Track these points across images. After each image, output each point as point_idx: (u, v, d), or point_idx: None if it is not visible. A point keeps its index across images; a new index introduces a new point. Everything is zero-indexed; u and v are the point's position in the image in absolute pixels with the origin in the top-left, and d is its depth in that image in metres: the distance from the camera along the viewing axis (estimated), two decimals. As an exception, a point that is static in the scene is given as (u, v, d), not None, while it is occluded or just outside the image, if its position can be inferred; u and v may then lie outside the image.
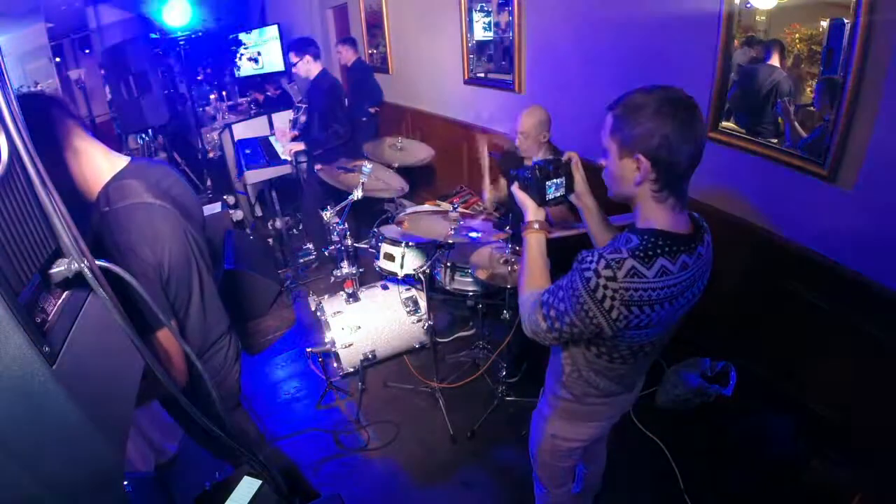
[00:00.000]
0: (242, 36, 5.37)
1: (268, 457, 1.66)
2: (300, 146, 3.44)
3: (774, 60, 1.88)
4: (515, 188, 1.25)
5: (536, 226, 1.21)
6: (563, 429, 1.37)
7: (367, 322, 2.44)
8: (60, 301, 0.64)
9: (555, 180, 1.20)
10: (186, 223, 1.22)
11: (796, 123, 1.87)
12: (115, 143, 4.68)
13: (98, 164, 1.16)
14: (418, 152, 3.00)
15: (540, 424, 1.44)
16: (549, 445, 1.41)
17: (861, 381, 1.86)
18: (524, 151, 2.27)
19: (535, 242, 1.21)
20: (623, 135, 0.99)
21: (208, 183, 4.47)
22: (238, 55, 5.22)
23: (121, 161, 1.20)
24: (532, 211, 1.22)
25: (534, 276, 1.18)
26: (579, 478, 1.79)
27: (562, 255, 1.28)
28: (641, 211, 1.04)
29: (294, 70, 3.39)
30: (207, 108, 4.97)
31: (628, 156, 0.99)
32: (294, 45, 3.33)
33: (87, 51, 5.30)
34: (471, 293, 2.39)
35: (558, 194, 1.22)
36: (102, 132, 4.92)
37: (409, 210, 2.52)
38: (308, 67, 3.31)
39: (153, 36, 4.47)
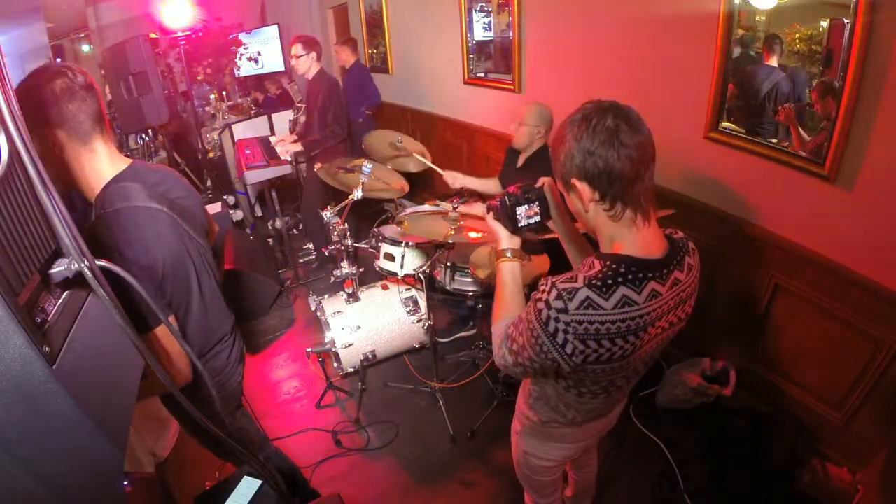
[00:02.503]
0: (242, 36, 5.37)
1: (268, 457, 1.66)
2: (298, 147, 3.44)
3: (773, 61, 1.88)
4: (489, 218, 1.22)
5: (509, 254, 1.17)
6: (532, 446, 1.35)
7: (367, 322, 2.44)
8: (60, 301, 0.64)
9: (525, 206, 1.14)
10: (185, 226, 1.22)
11: (800, 128, 1.86)
12: (115, 143, 4.67)
13: (102, 165, 1.16)
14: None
15: (514, 439, 1.43)
16: (524, 460, 1.40)
17: (861, 381, 1.86)
18: (517, 141, 2.35)
19: (507, 271, 1.16)
20: (558, 172, 0.97)
21: (208, 183, 4.46)
22: (238, 55, 5.22)
23: (122, 163, 1.20)
24: (505, 239, 1.18)
25: (505, 306, 1.12)
26: (571, 482, 1.78)
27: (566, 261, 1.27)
28: (603, 236, 0.98)
29: (294, 63, 3.39)
30: (207, 108, 4.97)
31: (571, 189, 0.96)
32: (303, 38, 3.34)
33: (85, 51, 5.29)
34: (471, 293, 2.39)
35: (532, 221, 1.15)
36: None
37: (408, 210, 2.51)
38: (310, 65, 3.35)
39: (153, 36, 4.46)
